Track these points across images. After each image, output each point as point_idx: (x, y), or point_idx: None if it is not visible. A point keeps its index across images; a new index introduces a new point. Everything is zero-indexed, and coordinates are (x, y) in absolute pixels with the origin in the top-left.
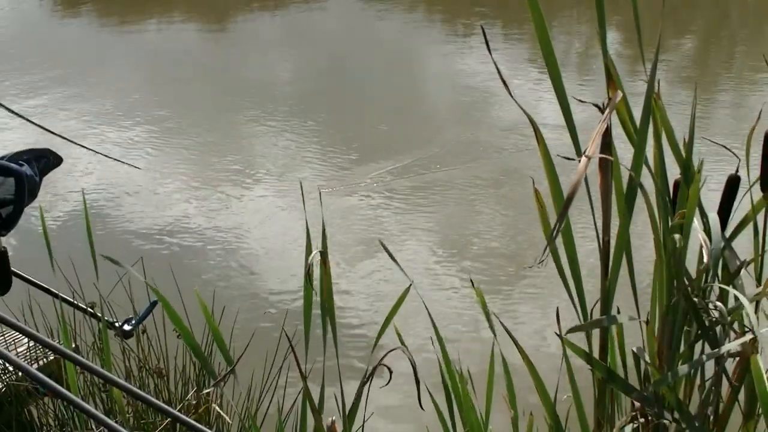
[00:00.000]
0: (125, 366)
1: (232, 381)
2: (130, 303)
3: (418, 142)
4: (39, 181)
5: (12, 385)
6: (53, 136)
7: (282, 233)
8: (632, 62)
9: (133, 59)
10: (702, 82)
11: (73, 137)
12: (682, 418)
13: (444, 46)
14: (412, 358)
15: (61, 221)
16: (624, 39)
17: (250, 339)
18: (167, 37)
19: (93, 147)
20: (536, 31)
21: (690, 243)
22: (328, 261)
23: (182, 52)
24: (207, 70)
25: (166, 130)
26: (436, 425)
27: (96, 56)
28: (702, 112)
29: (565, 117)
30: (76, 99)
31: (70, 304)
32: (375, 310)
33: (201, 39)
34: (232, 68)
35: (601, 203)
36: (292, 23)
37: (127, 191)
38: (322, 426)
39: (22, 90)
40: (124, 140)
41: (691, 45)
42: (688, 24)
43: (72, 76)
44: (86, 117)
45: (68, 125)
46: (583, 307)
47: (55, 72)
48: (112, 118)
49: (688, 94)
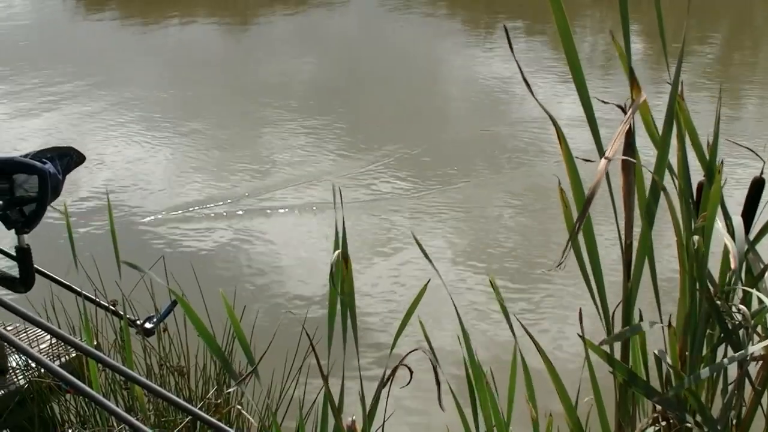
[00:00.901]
0: (146, 364)
1: (253, 379)
2: (151, 301)
3: (436, 139)
4: (62, 179)
5: (34, 382)
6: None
7: (301, 230)
8: (655, 64)
9: (154, 58)
10: (726, 85)
11: (94, 133)
12: (704, 422)
13: (465, 46)
14: (434, 360)
15: (84, 218)
16: (646, 41)
17: (272, 338)
18: (189, 36)
19: (117, 143)
20: (559, 34)
21: (713, 245)
22: (350, 262)
23: (204, 51)
24: (229, 69)
25: (185, 126)
26: (451, 424)
27: (117, 54)
28: (726, 115)
29: (588, 118)
30: (95, 96)
31: (93, 302)
32: (392, 309)
33: (223, 38)
34: (253, 66)
35: (624, 205)
36: (313, 23)
37: (147, 187)
38: (342, 425)
39: (45, 85)
40: (145, 136)
41: (715, 48)
42: (711, 27)
43: (93, 74)
44: (106, 113)
45: (87, 120)
46: (605, 308)
47: (76, 70)
48: (132, 114)
49: (712, 97)
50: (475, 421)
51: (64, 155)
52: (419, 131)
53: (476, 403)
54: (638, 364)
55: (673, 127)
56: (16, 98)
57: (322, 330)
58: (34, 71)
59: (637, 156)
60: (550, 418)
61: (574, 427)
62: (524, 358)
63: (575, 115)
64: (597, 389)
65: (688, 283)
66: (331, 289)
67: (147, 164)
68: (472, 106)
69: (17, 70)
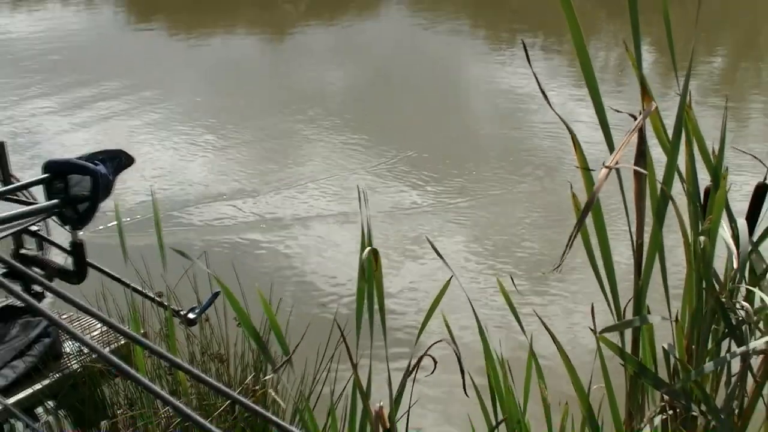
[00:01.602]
0: (189, 351)
1: (287, 367)
2: (194, 293)
3: (460, 144)
4: (113, 180)
5: (87, 367)
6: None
7: (334, 231)
8: (664, 75)
9: (197, 67)
10: (731, 96)
11: (141, 137)
12: (708, 411)
13: (486, 57)
14: (457, 350)
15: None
16: (656, 53)
17: (306, 328)
18: (230, 46)
19: (159, 146)
20: (574, 46)
21: (719, 246)
22: (380, 258)
23: (244, 61)
24: (266, 77)
25: (224, 131)
26: (470, 412)
27: (164, 63)
28: (731, 124)
29: (602, 125)
30: (143, 102)
31: (140, 293)
32: (417, 306)
33: (261, 49)
34: (289, 75)
35: (636, 208)
36: (346, 35)
37: (191, 189)
38: (371, 410)
39: (97, 93)
40: (187, 140)
41: (721, 60)
42: (718, 40)
43: (140, 83)
44: (154, 119)
45: (135, 126)
46: (617, 305)
47: (125, 79)
48: (176, 120)
49: (718, 106)
50: (493, 408)
51: (115, 157)
52: (445, 135)
53: (494, 392)
54: (648, 358)
55: (682, 134)
56: (70, 104)
57: (351, 323)
58: (86, 80)
59: (649, 161)
60: (565, 407)
61: (586, 414)
62: (535, 354)
63: (592, 122)
64: (608, 381)
65: (695, 281)
66: (359, 283)
67: (188, 166)
68: (494, 112)
69: (71, 79)
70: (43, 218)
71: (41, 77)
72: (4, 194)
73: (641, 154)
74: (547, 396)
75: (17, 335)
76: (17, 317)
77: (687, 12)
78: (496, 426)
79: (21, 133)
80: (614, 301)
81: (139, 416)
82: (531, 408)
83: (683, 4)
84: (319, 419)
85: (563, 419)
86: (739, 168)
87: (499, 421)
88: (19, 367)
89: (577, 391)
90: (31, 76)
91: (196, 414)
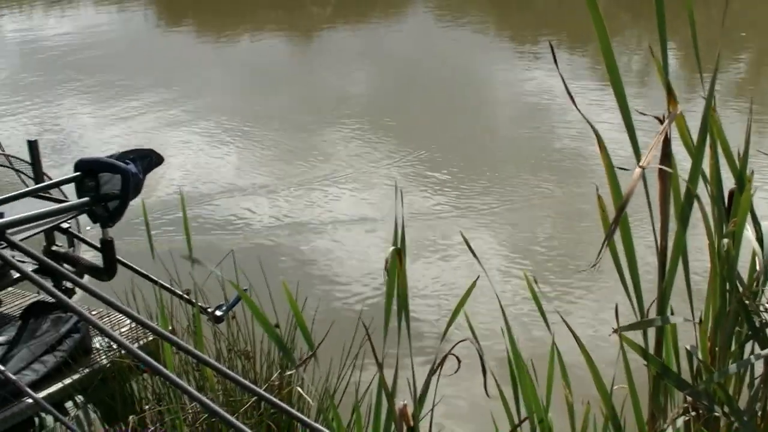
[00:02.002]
0: (216, 348)
1: (313, 365)
2: (221, 291)
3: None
4: (142, 179)
5: (116, 362)
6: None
7: (360, 228)
8: (688, 77)
9: (226, 68)
10: (756, 99)
11: (170, 136)
12: (731, 413)
13: (511, 60)
14: (480, 350)
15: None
16: (680, 56)
17: (330, 325)
18: (258, 48)
19: (188, 143)
20: (601, 50)
21: (743, 249)
22: (404, 258)
23: (271, 63)
24: (292, 78)
25: (251, 130)
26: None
27: (193, 64)
28: (756, 128)
29: (627, 128)
30: (171, 102)
31: (168, 291)
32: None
33: (289, 50)
34: (315, 76)
35: (660, 210)
36: (373, 36)
37: (219, 188)
38: (395, 408)
39: (127, 93)
40: (214, 140)
41: (745, 64)
42: (742, 44)
43: (170, 83)
44: (181, 117)
45: (164, 125)
46: (641, 306)
47: (155, 79)
48: (205, 119)
49: (743, 110)
50: (516, 406)
51: (145, 156)
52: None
53: (518, 390)
54: (671, 359)
55: (707, 137)
56: (102, 103)
57: (377, 322)
58: (118, 80)
59: (673, 164)
60: (587, 406)
61: (609, 413)
62: (560, 352)
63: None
64: (631, 381)
65: (719, 283)
66: (387, 282)
67: (216, 164)
68: (518, 111)
69: (102, 80)
70: (74, 216)
71: (73, 77)
72: (36, 192)
73: (666, 155)
74: (570, 395)
75: (48, 330)
76: (48, 313)
77: (711, 14)
78: (519, 424)
79: (52, 132)
80: (638, 302)
81: (167, 411)
82: (552, 407)
83: (707, 6)
84: (343, 417)
85: (585, 418)
86: (765, 171)
87: (522, 419)
88: (50, 362)
89: (599, 390)
90: (64, 76)
91: (223, 410)
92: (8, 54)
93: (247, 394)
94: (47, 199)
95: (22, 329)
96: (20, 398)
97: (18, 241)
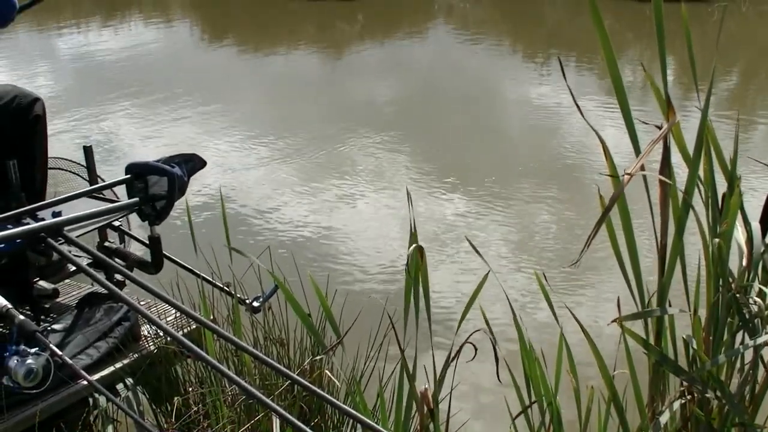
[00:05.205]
0: (253, 336)
1: (341, 352)
2: (258, 284)
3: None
4: (187, 181)
5: (162, 348)
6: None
7: (382, 230)
8: (684, 91)
9: (262, 80)
10: (744, 110)
11: (210, 143)
12: (723, 396)
13: (524, 73)
14: (494, 339)
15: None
16: (676, 71)
17: (356, 316)
18: (292, 62)
19: (229, 152)
20: (607, 65)
21: (735, 247)
22: (425, 255)
23: (303, 76)
24: (323, 91)
25: (283, 141)
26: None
27: (233, 77)
28: (744, 137)
29: (630, 137)
30: (212, 113)
31: (210, 283)
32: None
33: (321, 65)
34: (345, 89)
35: (660, 212)
36: (397, 52)
37: (252, 189)
38: (416, 392)
39: (171, 104)
40: (252, 148)
41: (736, 80)
42: (734, 61)
43: (211, 95)
44: (221, 127)
45: (206, 132)
46: (642, 299)
47: (198, 91)
48: (242, 128)
49: (732, 120)
50: (528, 391)
51: (189, 160)
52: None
53: (528, 375)
54: (668, 348)
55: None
56: (149, 112)
57: (399, 313)
58: (163, 93)
59: (671, 169)
60: (591, 390)
61: (611, 397)
62: (567, 342)
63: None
64: (632, 368)
65: (713, 279)
66: (408, 277)
67: (252, 170)
68: (529, 122)
69: (150, 89)
70: (124, 215)
71: (124, 89)
72: (91, 193)
73: (665, 162)
74: (575, 380)
75: (101, 319)
76: (101, 303)
77: (706, 33)
78: (529, 405)
79: (105, 139)
80: (639, 295)
81: (208, 393)
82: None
83: (703, 25)
84: (368, 400)
85: (589, 401)
86: (754, 174)
87: (532, 401)
88: (102, 348)
89: (603, 376)
90: (116, 87)
91: (259, 392)
92: (64, 70)
93: (282, 378)
94: (100, 199)
95: (77, 318)
96: (76, 380)
97: (74, 237)
